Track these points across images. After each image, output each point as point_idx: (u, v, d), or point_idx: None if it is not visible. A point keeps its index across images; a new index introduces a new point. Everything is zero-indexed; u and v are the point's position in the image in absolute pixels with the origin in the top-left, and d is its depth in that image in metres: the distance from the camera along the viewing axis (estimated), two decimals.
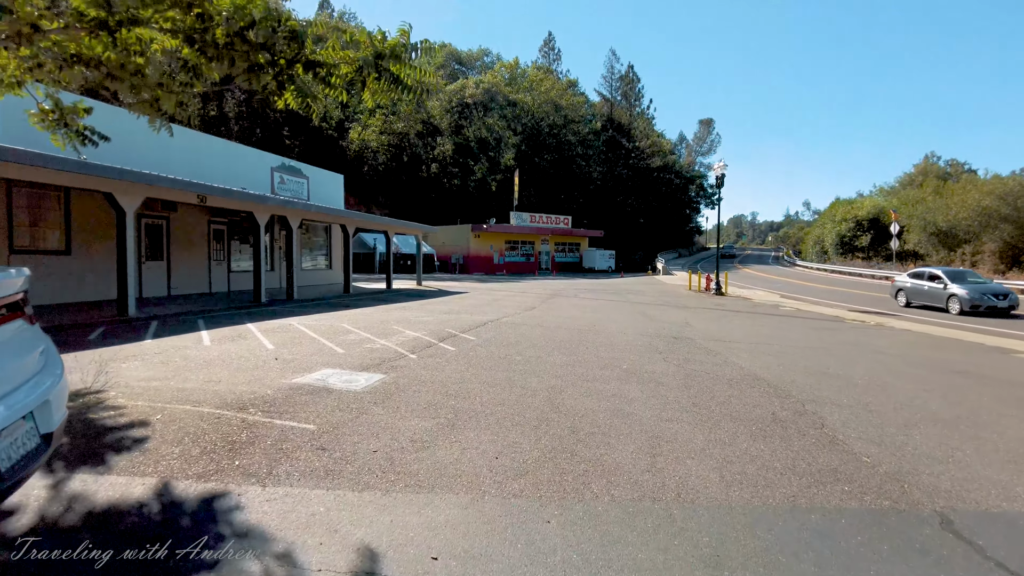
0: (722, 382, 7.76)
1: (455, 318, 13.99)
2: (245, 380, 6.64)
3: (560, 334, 11.65)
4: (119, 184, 12.54)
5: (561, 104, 70.48)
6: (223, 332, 10.59)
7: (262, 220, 17.25)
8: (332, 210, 21.03)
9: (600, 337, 11.45)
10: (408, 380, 6.89)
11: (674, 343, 11.16)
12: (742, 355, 10.09)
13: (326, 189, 27.82)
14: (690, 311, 18.89)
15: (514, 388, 6.78)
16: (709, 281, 32.13)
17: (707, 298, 26.57)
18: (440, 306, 17.52)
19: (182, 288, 19.86)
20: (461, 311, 16.08)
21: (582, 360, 8.78)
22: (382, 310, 15.74)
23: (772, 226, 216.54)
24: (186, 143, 19.60)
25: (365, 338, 10.09)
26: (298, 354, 8.41)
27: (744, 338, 12.37)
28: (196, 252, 20.63)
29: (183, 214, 19.70)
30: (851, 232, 61.74)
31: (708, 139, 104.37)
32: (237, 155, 22.32)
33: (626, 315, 16.74)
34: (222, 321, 12.28)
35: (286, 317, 13.29)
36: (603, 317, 15.82)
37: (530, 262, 57.99)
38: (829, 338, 13.07)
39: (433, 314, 14.91)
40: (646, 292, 29.60)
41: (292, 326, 11.58)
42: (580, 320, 14.71)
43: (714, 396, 6.95)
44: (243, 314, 13.95)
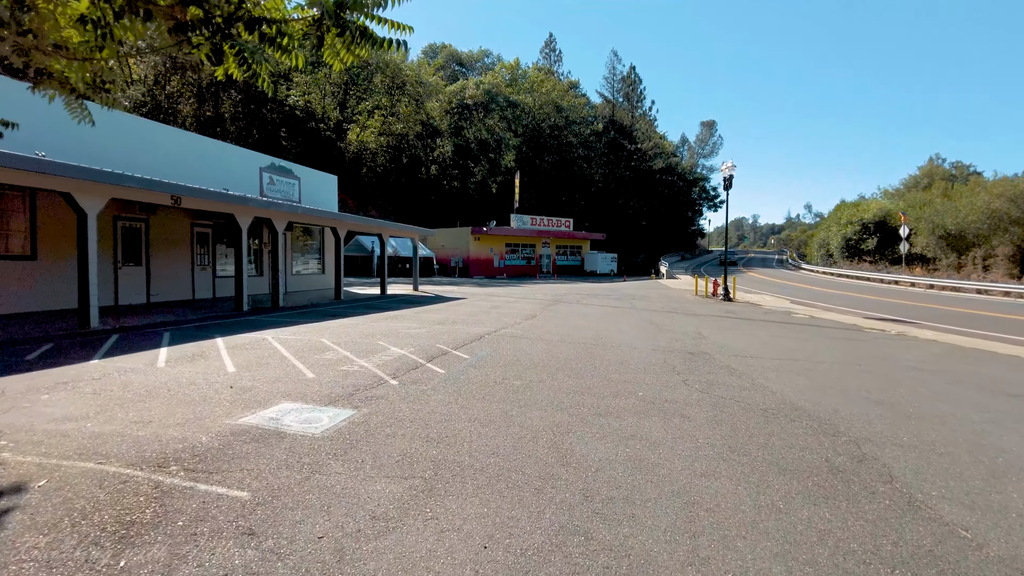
0: (756, 413, 6.54)
1: (449, 330, 12.78)
2: (182, 419, 5.41)
3: (564, 349, 10.43)
4: (79, 184, 11.33)
5: (562, 105, 69.33)
6: (185, 349, 9.37)
7: (244, 223, 16.05)
8: (322, 212, 19.82)
9: (609, 353, 10.23)
10: (382, 418, 5.66)
11: (691, 360, 9.94)
12: (769, 375, 8.87)
13: (319, 190, 26.62)
14: (700, 319, 17.67)
15: (511, 427, 5.55)
16: (716, 286, 30.91)
17: (715, 304, 25.34)
18: (434, 315, 16.31)
19: (163, 295, 18.66)
20: (456, 321, 14.88)
21: (591, 386, 7.56)
22: (371, 320, 14.53)
23: (773, 228, 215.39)
24: (169, 142, 18.43)
25: (343, 357, 8.87)
26: (259, 380, 7.19)
27: (765, 352, 11.15)
28: (178, 257, 19.43)
29: (164, 217, 18.51)
30: (857, 235, 60.46)
31: (710, 141, 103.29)
32: (224, 155, 21.13)
33: (633, 324, 15.52)
34: (190, 335, 11.06)
35: (264, 329, 12.08)
36: (609, 327, 14.61)
37: (531, 265, 56.78)
38: (855, 351, 11.87)
39: (425, 325, 13.70)
40: (651, 297, 28.38)
41: (265, 342, 10.36)
42: (585, 331, 13.50)
43: (752, 435, 5.73)
44: (217, 326, 12.75)
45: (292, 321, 13.82)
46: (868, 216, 60.54)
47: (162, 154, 18.01)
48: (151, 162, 17.35)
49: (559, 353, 10.01)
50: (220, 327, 12.51)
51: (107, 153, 16.13)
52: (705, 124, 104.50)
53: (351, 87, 61.29)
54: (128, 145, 16.85)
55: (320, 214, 19.62)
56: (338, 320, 14.24)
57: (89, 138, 15.34)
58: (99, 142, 15.80)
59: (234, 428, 5.18)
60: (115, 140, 16.42)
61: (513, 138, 65.96)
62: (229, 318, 14.42)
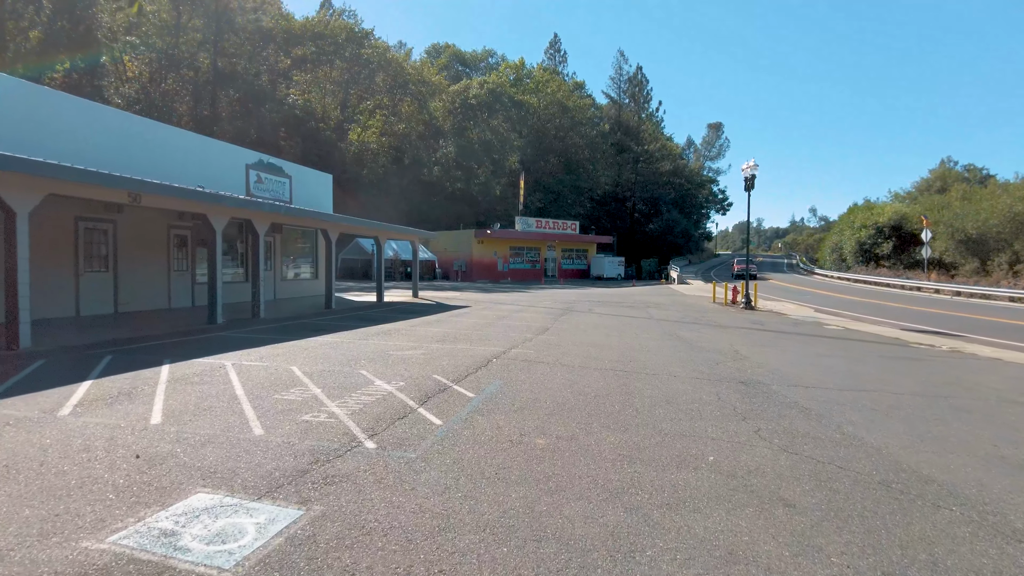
0: (878, 491, 4.53)
1: (450, 351, 10.73)
2: (15, 536, 3.37)
3: (591, 380, 8.38)
4: (4, 177, 9.31)
5: (568, 106, 67.32)
6: (115, 383, 7.34)
7: (218, 224, 14.05)
8: (309, 212, 17.84)
9: (646, 385, 8.18)
10: (340, 527, 3.58)
11: (748, 394, 7.90)
12: (851, 416, 6.87)
13: (312, 190, 24.63)
14: (730, 333, 15.63)
15: (543, 543, 3.50)
16: (736, 293, 28.82)
17: (737, 313, 23.31)
18: (433, 329, 14.28)
19: (134, 303, 16.66)
20: (459, 336, 12.84)
21: (641, 444, 5.51)
22: (359, 337, 12.49)
23: (778, 232, 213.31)
24: (141, 133, 16.45)
25: (311, 398, 6.82)
26: (184, 441, 5.15)
27: (826, 380, 9.11)
28: (153, 261, 17.44)
29: (135, 217, 16.51)
30: (871, 239, 58.32)
31: (716, 143, 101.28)
32: (206, 150, 19.15)
33: (659, 340, 13.47)
34: (134, 360, 9.03)
35: (228, 351, 10.05)
36: (633, 344, 12.55)
37: (535, 269, 54.76)
38: (924, 375, 9.92)
39: (422, 343, 11.65)
40: (667, 305, 26.32)
41: (222, 371, 8.32)
42: (607, 350, 11.44)
43: (901, 543, 3.69)
44: (177, 345, 10.72)
45: (267, 339, 11.78)
46: (883, 220, 58.40)
47: (132, 146, 16.02)
48: (120, 155, 15.37)
49: (586, 386, 7.96)
50: (179, 347, 10.48)
51: (73, 147, 14.17)
52: (712, 126, 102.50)
53: (352, 86, 59.40)
54: (93, 137, 14.87)
55: (308, 215, 17.62)
56: (321, 337, 12.20)
57: (39, 129, 13.37)
58: (54, 133, 13.82)
59: (91, 559, 3.13)
60: (75, 132, 14.44)
61: (517, 139, 63.92)
62: (197, 333, 12.40)
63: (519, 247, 53.61)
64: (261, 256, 15.59)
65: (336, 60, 56.80)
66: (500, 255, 51.83)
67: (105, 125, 15.15)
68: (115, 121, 15.60)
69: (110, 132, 15.19)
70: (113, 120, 15.57)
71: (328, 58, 56.59)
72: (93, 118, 14.88)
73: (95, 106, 15.41)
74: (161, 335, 12.07)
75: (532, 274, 53.78)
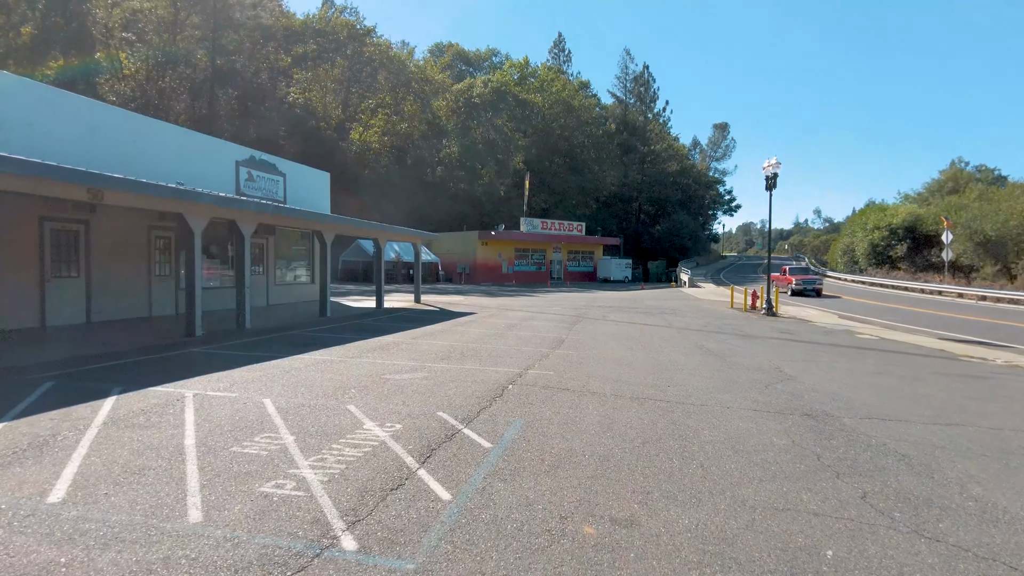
0: None
1: (457, 373, 9.15)
2: None
3: (631, 416, 6.78)
4: None
5: (573, 105, 65.71)
6: (35, 426, 5.76)
7: (197, 224, 12.48)
8: (303, 213, 16.28)
9: (697, 421, 6.57)
10: None
11: (821, 432, 6.32)
12: (965, 467, 5.36)
13: (309, 189, 23.07)
14: (762, 344, 14.05)
15: None
16: (756, 298, 27.19)
17: (760, 320, 21.73)
18: (438, 342, 12.69)
19: (109, 312, 15.11)
20: (466, 352, 11.25)
21: (726, 531, 3.90)
22: (352, 354, 10.91)
23: (782, 234, 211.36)
24: (113, 125, 14.91)
25: (279, 451, 5.23)
26: (80, 537, 3.57)
27: (898, 409, 7.53)
28: (131, 266, 15.89)
29: (110, 218, 14.97)
30: (885, 241, 56.48)
31: (723, 144, 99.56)
32: (191, 144, 17.60)
33: (688, 354, 11.86)
34: (80, 387, 7.46)
35: (193, 376, 8.46)
36: (663, 360, 10.95)
37: (541, 272, 53.17)
38: (1002, 399, 8.68)
39: (424, 363, 10.07)
40: (684, 311, 24.71)
41: (177, 406, 6.74)
42: (637, 369, 9.84)
43: None
44: (137, 366, 9.14)
45: (246, 357, 10.20)
46: (896, 221, 56.59)
47: (106, 139, 14.49)
48: (92, 149, 13.84)
49: (627, 425, 6.36)
50: (141, 368, 8.91)
51: (38, 141, 12.65)
52: (717, 127, 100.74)
53: (353, 85, 57.89)
54: (61, 129, 13.34)
55: (300, 215, 16.06)
56: (309, 354, 10.62)
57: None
58: (10, 126, 12.29)
59: None
60: (39, 123, 12.91)
61: (522, 139, 62.35)
62: (169, 349, 10.83)
63: (524, 249, 52.02)
64: (247, 260, 14.04)
65: (337, 58, 55.33)
66: (505, 257, 50.26)
67: (68, 114, 13.54)
68: (81, 110, 14.01)
69: (75, 122, 13.60)
70: (78, 109, 13.97)
71: (329, 56, 55.12)
72: (53, 105, 13.30)
73: (55, 92, 13.80)
74: (128, 351, 10.51)
75: (538, 277, 52.18)
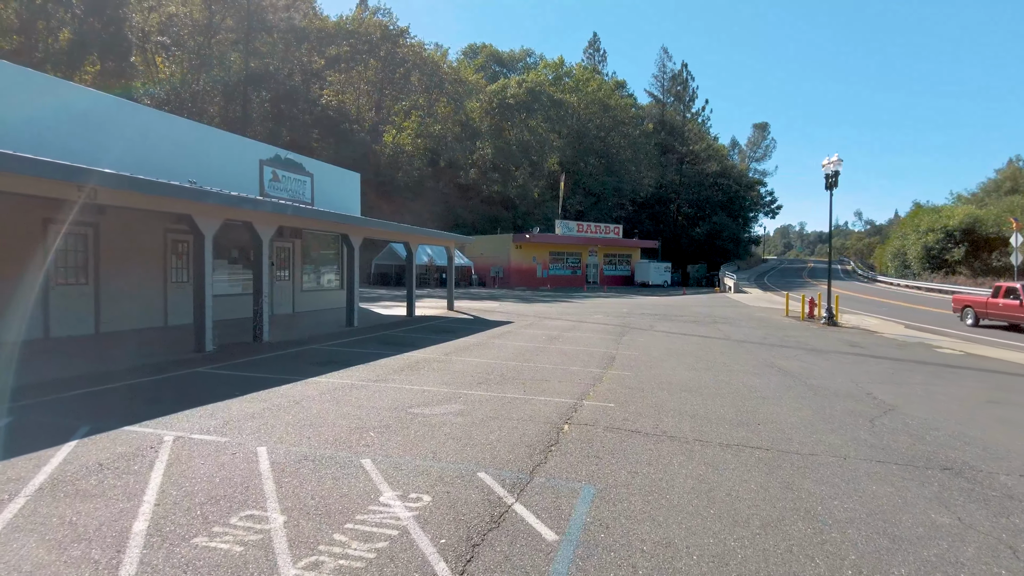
0: None
1: (498, 406, 7.50)
2: None
3: (731, 478, 4.98)
4: None
5: (609, 104, 63.65)
6: None
7: (208, 226, 11.13)
8: (328, 214, 14.88)
9: (818, 485, 4.73)
10: None
11: (987, 503, 4.46)
12: None
13: (337, 190, 21.79)
14: (835, 361, 12.10)
15: None
16: (813, 306, 24.94)
17: (821, 330, 19.62)
18: (473, 359, 11.07)
19: (120, 322, 13.93)
20: (506, 374, 9.60)
21: None
22: (375, 376, 9.35)
23: (821, 237, 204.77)
24: (126, 120, 13.74)
25: (258, 546, 3.62)
26: None
27: None
28: (145, 272, 14.71)
29: (122, 220, 13.81)
30: (940, 244, 52.99)
31: (763, 144, 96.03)
32: (209, 142, 16.40)
33: (762, 375, 9.97)
34: (40, 425, 6.02)
35: (182, 409, 6.98)
36: (737, 385, 9.10)
37: (576, 275, 51.30)
38: None
39: (459, 388, 8.44)
40: (736, 320, 22.63)
41: (146, 459, 5.24)
42: (709, 397, 8.02)
43: None
44: (124, 393, 7.73)
45: (253, 380, 8.74)
46: (953, 223, 53.02)
47: (119, 136, 13.33)
48: (103, 148, 12.67)
49: (731, 497, 4.60)
50: (125, 396, 7.49)
51: (46, 140, 11.52)
52: (757, 126, 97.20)
53: (386, 86, 56.97)
54: (69, 127, 12.20)
55: (325, 216, 14.67)
56: (326, 377, 9.10)
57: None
58: (24, 122, 11.14)
59: None
60: (49, 121, 11.77)
61: (557, 139, 60.57)
62: (170, 368, 9.45)
63: (559, 252, 50.24)
64: (265, 265, 12.67)
65: (370, 60, 54.48)
66: (539, 261, 48.55)
67: (67, 106, 12.34)
68: (82, 102, 12.82)
69: (75, 115, 12.42)
70: (79, 100, 12.78)
71: (362, 57, 54.31)
72: (50, 96, 12.10)
73: (53, 81, 12.57)
74: (123, 370, 9.16)
75: (573, 281, 50.33)
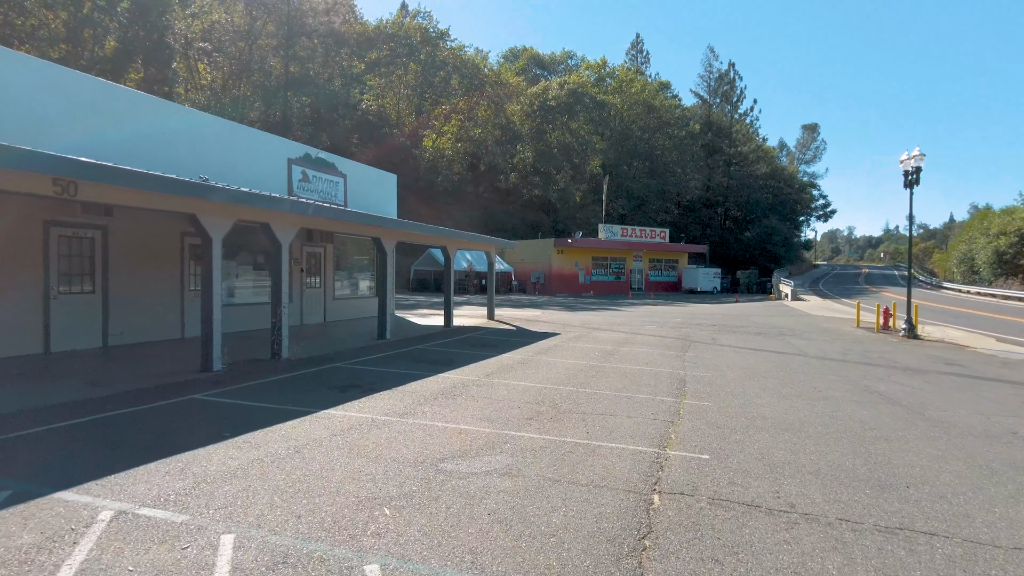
0: None
1: (556, 460, 5.57)
2: None
3: None
4: None
5: (654, 105, 61.14)
6: None
7: (216, 227, 9.61)
8: (355, 215, 13.30)
9: None
10: None
11: None
12: None
13: (372, 192, 20.31)
14: (942, 384, 9.79)
15: None
16: (888, 316, 22.27)
17: (904, 345, 17.14)
18: (519, 383, 9.21)
19: (131, 334, 12.59)
20: (561, 406, 7.70)
21: None
22: (401, 408, 7.58)
23: (870, 241, 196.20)
24: (137, 111, 12.42)
25: None
26: None
27: None
28: (160, 279, 13.37)
29: (133, 221, 12.50)
30: (1014, 248, 48.88)
31: (812, 146, 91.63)
32: (231, 138, 15.04)
33: (867, 405, 7.71)
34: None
35: (149, 462, 5.29)
36: (844, 419, 6.94)
37: (620, 282, 48.97)
38: None
39: (505, 431, 6.57)
40: (804, 332, 20.17)
41: (52, 557, 3.59)
42: (818, 439, 5.87)
43: None
44: (88, 433, 6.10)
45: (253, 414, 7.06)
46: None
47: (134, 132, 12.02)
48: (120, 144, 11.37)
49: None
50: (85, 438, 5.86)
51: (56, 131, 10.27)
52: (807, 128, 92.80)
53: (427, 90, 55.86)
54: (82, 120, 10.91)
55: (352, 217, 13.08)
56: (341, 409, 7.38)
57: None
58: (30, 114, 9.87)
59: None
60: (56, 111, 10.50)
61: (599, 141, 58.40)
62: (164, 394, 7.88)
63: (603, 257, 48.02)
64: (284, 272, 11.11)
65: (410, 63, 53.48)
66: (582, 266, 46.45)
67: (70, 96, 11.02)
68: (87, 92, 11.50)
69: (80, 107, 11.10)
70: (83, 90, 11.46)
71: (402, 61, 53.35)
72: (53, 87, 10.80)
73: (56, 69, 11.26)
74: (103, 399, 7.63)
75: (617, 287, 48.02)
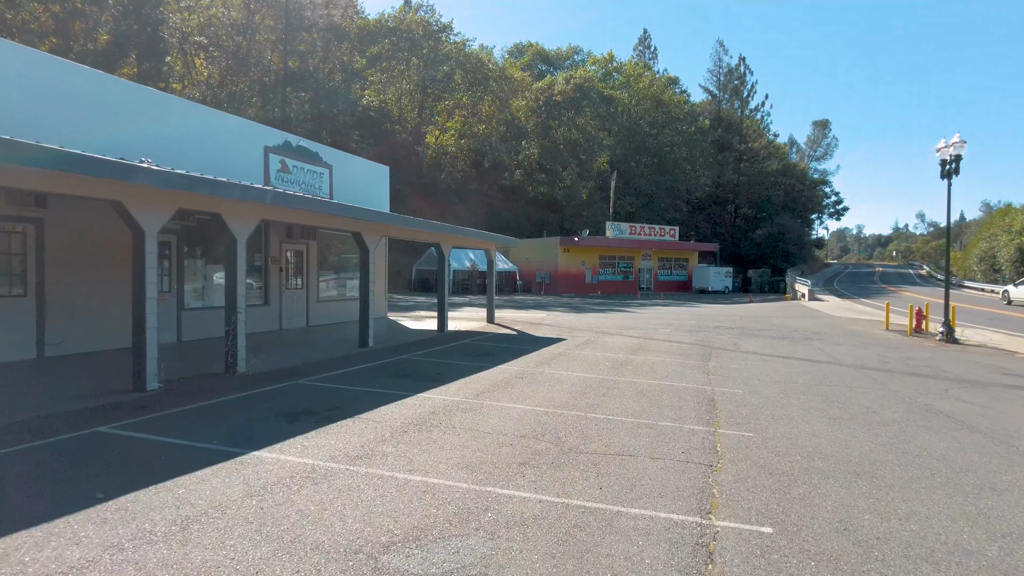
0: None
1: (547, 552, 3.85)
2: None
3: None
4: None
5: (663, 100, 59.14)
6: None
7: (148, 220, 7.85)
8: (329, 206, 11.53)
9: None
10: None
11: None
12: None
13: (361, 184, 18.55)
14: (1006, 399, 7.92)
15: None
16: (920, 318, 20.35)
17: (944, 350, 15.28)
18: (515, 406, 7.40)
19: (72, 342, 10.87)
20: (566, 442, 5.89)
21: None
22: (361, 446, 5.77)
23: (880, 240, 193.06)
24: (120, 100, 10.70)
25: None
26: None
27: None
28: (111, 280, 11.63)
29: (73, 215, 10.78)
30: None
31: (823, 142, 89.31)
32: (203, 123, 13.33)
33: (939, 432, 5.73)
34: None
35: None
36: (919, 452, 5.00)
37: (628, 281, 47.05)
38: None
39: (484, 491, 4.74)
40: (831, 336, 18.25)
41: None
42: (901, 487, 4.03)
43: None
44: None
45: (162, 459, 5.29)
46: None
47: (102, 119, 10.30)
48: (84, 129, 9.66)
49: None
50: None
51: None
52: (817, 124, 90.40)
53: (429, 85, 54.12)
54: (46, 102, 9.21)
55: (324, 209, 11.29)
56: (277, 451, 5.60)
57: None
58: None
59: None
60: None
61: (606, 137, 56.47)
62: (61, 429, 6.11)
63: (610, 256, 46.14)
64: (239, 271, 9.37)
65: (412, 58, 51.76)
66: (589, 266, 44.59)
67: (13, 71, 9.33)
68: (38, 68, 9.83)
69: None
70: (32, 66, 9.79)
71: (404, 55, 51.64)
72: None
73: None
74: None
75: (625, 287, 46.12)
